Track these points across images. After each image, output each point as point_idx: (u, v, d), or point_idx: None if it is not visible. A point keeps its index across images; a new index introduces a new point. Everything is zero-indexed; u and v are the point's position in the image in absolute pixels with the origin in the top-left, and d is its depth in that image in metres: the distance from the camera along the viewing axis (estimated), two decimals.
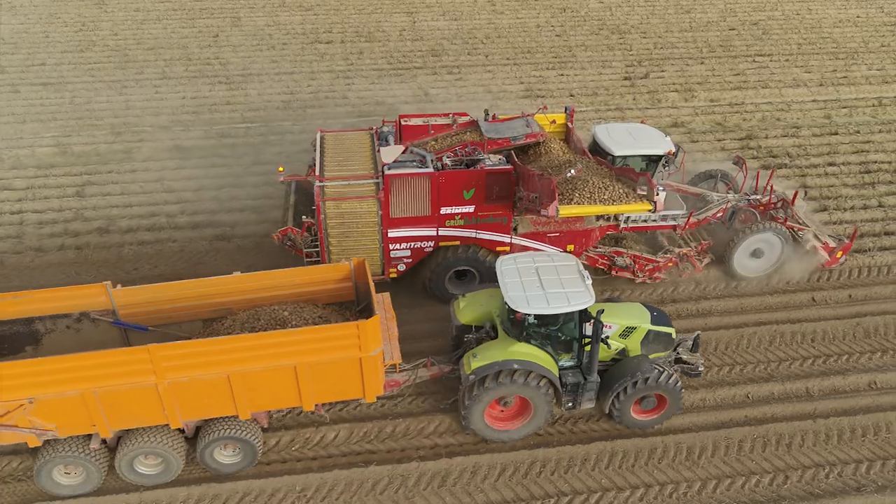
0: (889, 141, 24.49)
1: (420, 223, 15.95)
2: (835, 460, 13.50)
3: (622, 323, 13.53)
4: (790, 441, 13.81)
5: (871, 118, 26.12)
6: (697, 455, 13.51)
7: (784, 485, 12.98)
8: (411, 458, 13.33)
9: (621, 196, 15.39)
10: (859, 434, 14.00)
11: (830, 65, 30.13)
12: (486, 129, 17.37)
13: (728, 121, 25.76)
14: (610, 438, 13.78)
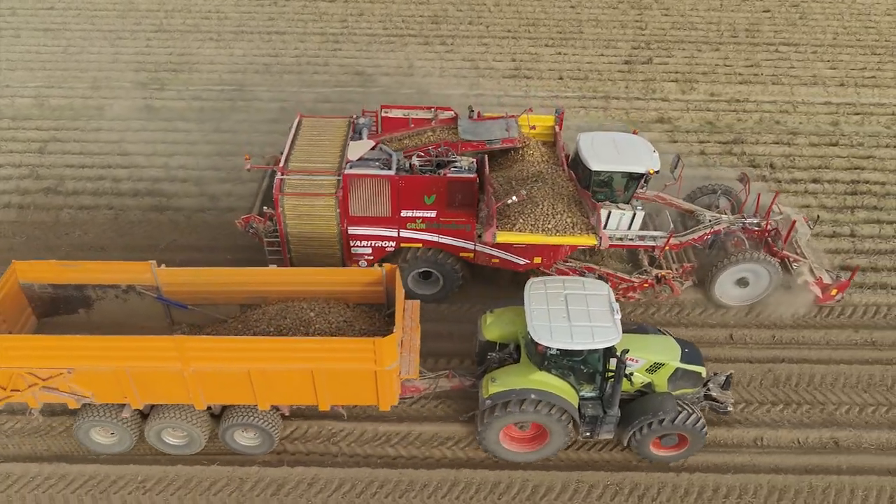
0: (892, 158, 22.38)
1: (380, 223, 15.77)
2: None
3: (650, 358, 13.14)
4: None
5: (884, 129, 23.85)
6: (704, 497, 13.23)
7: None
8: (423, 465, 13.63)
9: (567, 227, 14.91)
10: None
11: (862, 61, 27.47)
12: (463, 129, 16.90)
13: (721, 120, 24.06)
14: (621, 469, 13.57)
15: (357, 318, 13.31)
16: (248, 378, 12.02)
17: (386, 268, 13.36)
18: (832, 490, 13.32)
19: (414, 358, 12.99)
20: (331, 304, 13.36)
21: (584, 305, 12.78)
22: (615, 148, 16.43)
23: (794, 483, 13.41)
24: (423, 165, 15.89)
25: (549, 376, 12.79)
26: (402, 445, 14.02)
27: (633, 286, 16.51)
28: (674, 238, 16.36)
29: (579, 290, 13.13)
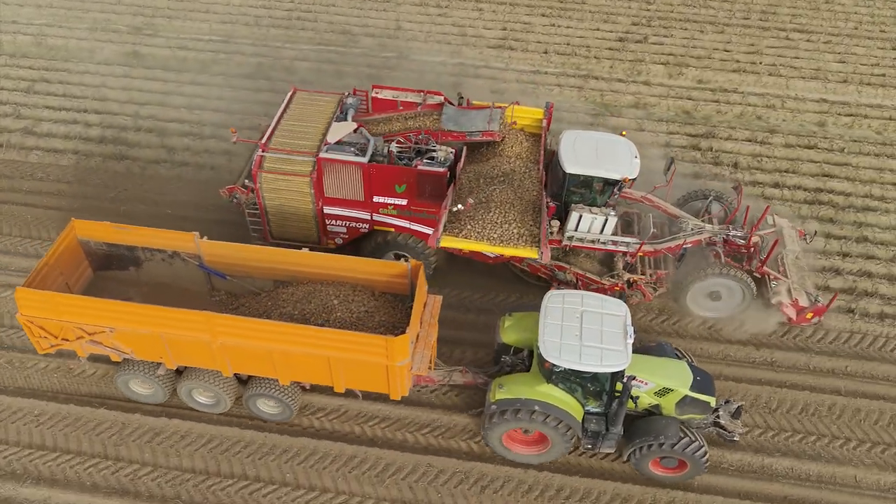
0: (870, 168, 21.28)
1: (354, 206, 16.27)
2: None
3: (659, 382, 13.24)
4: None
5: (872, 134, 22.59)
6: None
7: None
8: (429, 451, 14.35)
9: (511, 238, 15.00)
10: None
11: (877, 56, 25.76)
12: (446, 117, 16.93)
13: (699, 111, 23.26)
14: (615, 479, 13.96)
15: (379, 309, 13.99)
16: (270, 356, 12.94)
17: (412, 263, 13.88)
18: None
19: (427, 354, 13.40)
20: (356, 292, 14.05)
21: (599, 325, 12.85)
22: (595, 151, 15.96)
23: None
24: (402, 152, 16.08)
25: (555, 389, 13.07)
26: (410, 430, 14.65)
27: (604, 288, 16.49)
28: (648, 245, 16.13)
29: (597, 308, 13.13)
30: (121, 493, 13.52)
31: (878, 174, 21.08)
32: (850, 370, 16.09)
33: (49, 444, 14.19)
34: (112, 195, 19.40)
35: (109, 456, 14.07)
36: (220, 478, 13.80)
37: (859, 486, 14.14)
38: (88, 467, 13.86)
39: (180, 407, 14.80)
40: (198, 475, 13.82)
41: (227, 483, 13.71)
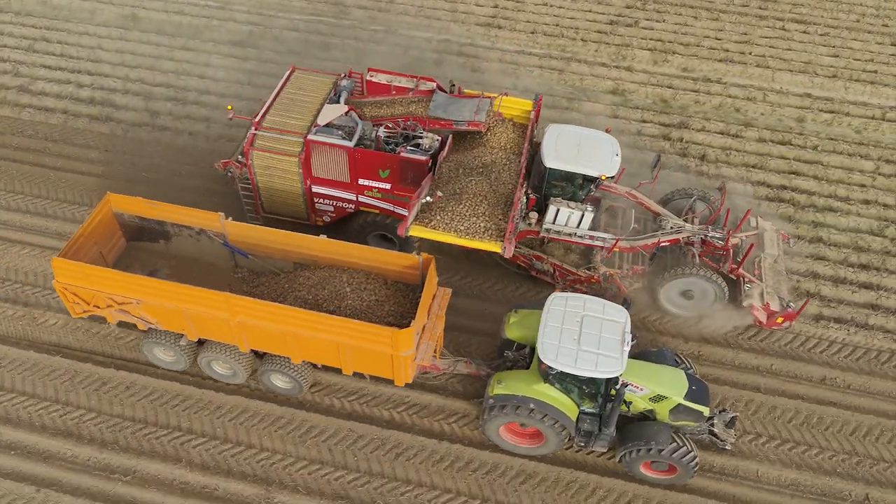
0: (841, 167, 21.15)
1: (340, 187, 16.84)
2: None
3: (654, 389, 13.55)
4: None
5: (851, 132, 22.35)
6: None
7: None
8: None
9: (478, 231, 15.39)
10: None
11: (874, 52, 25.22)
12: (435, 105, 17.21)
13: (677, 100, 23.24)
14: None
15: (389, 298, 14.65)
16: (284, 337, 13.75)
17: (423, 256, 14.44)
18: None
19: (432, 345, 14.02)
20: (369, 280, 14.75)
21: (598, 331, 13.12)
22: (577, 147, 16.24)
23: None
24: (389, 138, 16.56)
25: (551, 389, 13.51)
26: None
27: (580, 279, 16.96)
28: (624, 241, 16.47)
29: (598, 313, 13.40)
30: (65, 435, 14.75)
31: (846, 174, 20.96)
32: (774, 368, 16.44)
33: (7, 386, 15.47)
34: (93, 156, 20.45)
35: (60, 400, 15.28)
36: (156, 427, 14.93)
37: (759, 480, 14.64)
38: (39, 409, 15.10)
39: (127, 359, 15.93)
40: (136, 423, 14.97)
41: (161, 433, 14.84)
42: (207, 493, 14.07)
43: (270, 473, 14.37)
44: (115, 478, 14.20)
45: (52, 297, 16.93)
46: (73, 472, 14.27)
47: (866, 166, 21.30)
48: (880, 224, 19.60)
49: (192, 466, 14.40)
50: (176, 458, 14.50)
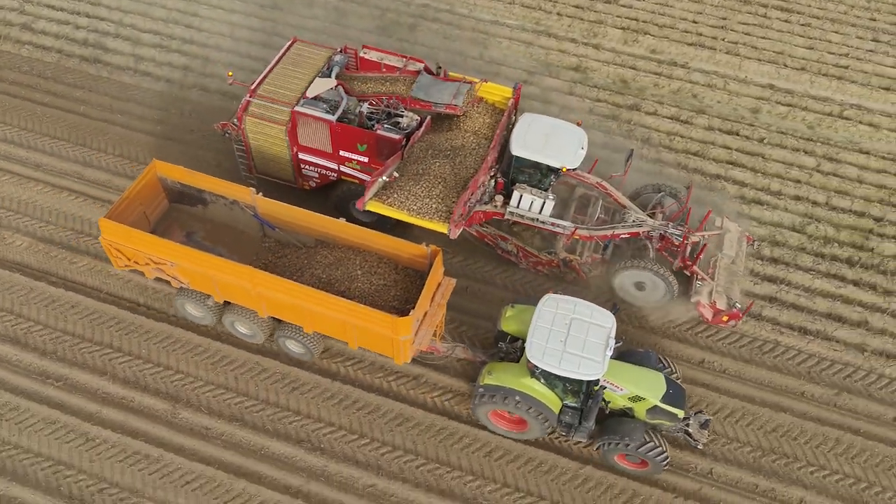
0: (781, 162, 21.56)
1: (324, 156, 18.01)
2: None
3: (632, 390, 14.53)
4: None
5: (804, 128, 22.60)
6: None
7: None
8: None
9: (429, 212, 16.27)
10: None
11: (851, 46, 25.00)
12: (417, 86, 17.91)
13: (637, 81, 23.76)
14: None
15: (398, 283, 15.93)
16: (297, 309, 15.19)
17: (432, 248, 15.51)
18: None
19: (430, 331, 15.26)
20: (380, 264, 16.08)
21: (584, 334, 14.05)
22: (545, 137, 17.03)
23: None
24: (373, 114, 17.63)
25: (537, 383, 14.57)
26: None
27: (541, 262, 18.13)
28: (584, 230, 17.36)
29: (586, 317, 14.34)
30: (13, 342, 17.04)
31: (784, 169, 21.41)
32: None
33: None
34: (77, 95, 22.35)
35: (13, 312, 17.56)
36: (91, 343, 17.07)
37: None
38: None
39: (76, 282, 18.00)
40: (75, 338, 17.15)
41: (94, 348, 16.98)
42: (124, 404, 16.22)
43: (180, 392, 16.41)
44: (49, 382, 16.46)
45: (14, 219, 19.14)
46: (15, 374, 16.59)
47: (808, 162, 21.66)
48: (803, 221, 20.14)
49: (115, 380, 16.55)
50: (102, 371, 16.67)
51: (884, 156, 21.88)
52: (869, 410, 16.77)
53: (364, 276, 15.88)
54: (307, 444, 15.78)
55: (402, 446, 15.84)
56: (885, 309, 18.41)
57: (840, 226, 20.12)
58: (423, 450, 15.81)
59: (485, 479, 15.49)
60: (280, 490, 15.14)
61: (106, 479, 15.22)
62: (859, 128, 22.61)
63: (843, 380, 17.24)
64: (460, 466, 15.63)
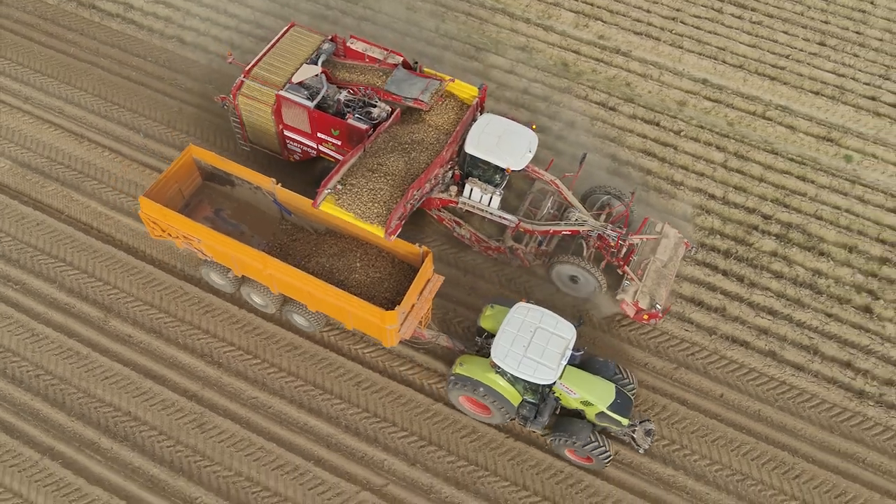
0: (691, 154, 23.11)
1: (304, 135, 19.96)
2: None
3: (584, 396, 16.31)
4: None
5: (724, 124, 24.01)
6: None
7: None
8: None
9: (368, 216, 17.53)
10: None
11: (794, 48, 25.89)
12: (391, 79, 19.41)
13: (577, 66, 25.34)
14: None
15: (392, 276, 17.95)
16: (302, 292, 17.21)
17: (424, 249, 17.22)
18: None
19: (415, 322, 17.06)
20: (378, 258, 18.11)
21: (545, 343, 15.87)
22: (498, 138, 18.61)
23: None
24: (350, 102, 19.40)
25: (501, 378, 16.47)
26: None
27: (490, 247, 20.02)
28: (527, 224, 19.22)
29: (550, 327, 16.16)
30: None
31: (692, 161, 22.98)
32: None
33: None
34: (70, 37, 25.17)
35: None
36: (70, 266, 20.26)
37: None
38: None
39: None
40: (56, 260, 20.35)
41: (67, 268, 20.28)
42: (66, 309, 19.52)
43: (113, 304, 19.58)
44: (10, 285, 19.86)
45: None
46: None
47: (716, 158, 23.19)
48: (695, 211, 21.86)
49: (62, 288, 19.86)
50: (53, 280, 19.96)
51: (792, 158, 23.25)
52: (701, 386, 18.92)
53: (362, 268, 17.99)
54: (208, 357, 18.84)
55: (287, 368, 18.75)
56: (744, 299, 20.28)
57: (728, 219, 21.81)
58: (303, 373, 18.69)
59: (350, 403, 18.37)
60: (179, 392, 18.30)
61: (43, 368, 18.62)
62: (777, 129, 23.92)
63: (685, 357, 19.34)
64: (331, 391, 18.48)
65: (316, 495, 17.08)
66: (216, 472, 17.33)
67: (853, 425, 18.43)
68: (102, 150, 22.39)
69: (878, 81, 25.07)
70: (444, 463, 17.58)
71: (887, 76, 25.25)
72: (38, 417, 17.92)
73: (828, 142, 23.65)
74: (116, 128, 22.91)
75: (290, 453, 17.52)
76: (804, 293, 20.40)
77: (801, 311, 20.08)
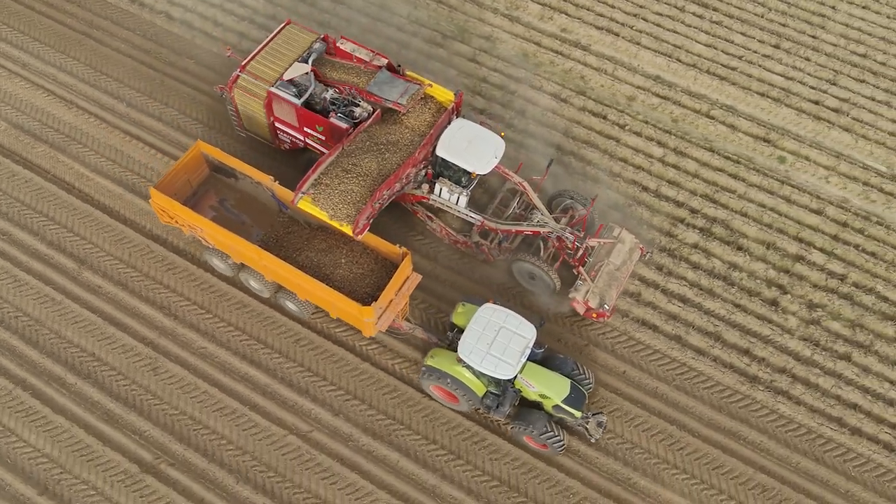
0: (630, 147, 24.58)
1: (292, 128, 21.49)
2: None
3: (541, 389, 18.01)
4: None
5: (669, 121, 25.37)
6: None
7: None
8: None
9: (339, 216, 18.83)
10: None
11: (749, 50, 27.03)
12: (374, 81, 20.70)
13: (536, 57, 26.75)
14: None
15: (374, 272, 19.66)
16: (292, 282, 18.94)
17: (403, 250, 18.83)
18: None
19: (391, 316, 18.71)
20: (363, 255, 19.83)
21: (507, 341, 17.45)
22: (468, 143, 19.96)
23: None
24: (335, 100, 20.72)
25: (467, 371, 18.04)
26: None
27: (458, 241, 21.47)
28: (490, 222, 20.53)
29: (513, 327, 17.72)
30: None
31: (632, 154, 24.46)
32: None
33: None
34: (68, 8, 27.13)
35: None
36: (65, 229, 22.56)
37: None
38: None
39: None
40: (47, 218, 22.67)
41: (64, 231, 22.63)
42: (45, 260, 21.84)
43: (87, 258, 21.90)
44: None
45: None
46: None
47: (656, 152, 24.65)
48: (626, 202, 23.44)
49: (43, 240, 22.17)
50: (36, 233, 22.29)
51: (728, 156, 24.64)
52: (606, 363, 20.77)
53: (347, 264, 19.77)
54: (166, 309, 21.12)
55: (235, 324, 20.97)
56: (659, 286, 21.95)
57: (657, 212, 23.37)
58: (249, 329, 20.90)
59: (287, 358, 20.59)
60: (138, 339, 20.65)
61: (21, 310, 21.05)
62: (718, 127, 25.26)
63: (596, 336, 21.15)
64: (272, 346, 20.68)
65: (249, 436, 19.39)
66: (164, 411, 19.71)
67: (741, 407, 20.21)
68: (89, 116, 24.54)
69: (825, 86, 26.19)
70: (364, 416, 19.75)
71: (834, 81, 26.35)
72: (13, 353, 20.41)
73: (765, 142, 24.98)
74: (102, 96, 25.01)
75: (230, 398, 19.83)
76: (717, 284, 22.03)
77: (712, 301, 21.75)
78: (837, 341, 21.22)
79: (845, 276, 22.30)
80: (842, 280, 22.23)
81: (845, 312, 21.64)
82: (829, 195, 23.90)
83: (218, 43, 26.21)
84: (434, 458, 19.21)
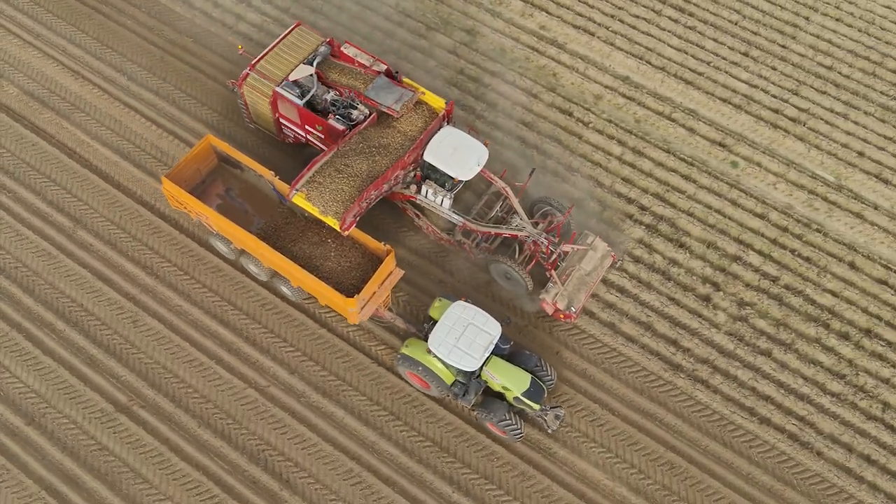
0: (592, 145, 26.07)
1: (295, 125, 23.09)
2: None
3: (503, 382, 19.55)
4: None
5: (632, 121, 26.77)
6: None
7: None
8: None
9: (329, 211, 20.47)
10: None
11: (717, 56, 28.18)
12: (372, 86, 22.09)
13: (513, 53, 28.22)
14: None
15: (360, 266, 21.25)
16: (285, 270, 20.75)
17: (387, 248, 20.50)
18: None
19: (373, 307, 20.41)
20: (351, 249, 21.41)
21: (474, 337, 19.04)
22: (454, 149, 21.46)
23: None
24: (335, 102, 22.31)
25: (438, 361, 19.48)
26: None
27: (443, 239, 22.88)
28: (471, 224, 21.89)
29: (480, 324, 19.34)
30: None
31: (591, 151, 26.00)
32: None
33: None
34: None
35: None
36: (68, 194, 24.90)
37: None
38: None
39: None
40: (62, 189, 24.92)
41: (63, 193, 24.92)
42: (44, 217, 24.17)
43: (82, 217, 24.19)
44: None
45: (10, 72, 26.81)
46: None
47: (615, 150, 26.15)
48: (582, 196, 25.00)
49: (43, 199, 24.51)
50: (38, 192, 24.63)
51: (683, 158, 26.09)
52: (543, 342, 22.64)
53: (336, 257, 21.45)
54: (149, 269, 23.42)
55: (209, 286, 23.19)
56: (606, 280, 23.64)
57: (609, 207, 24.99)
58: (221, 291, 23.09)
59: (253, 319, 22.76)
60: (122, 294, 23.00)
61: (21, 262, 23.48)
62: (678, 130, 26.67)
63: (537, 320, 23.01)
64: (240, 308, 22.87)
65: (213, 387, 21.70)
66: (140, 359, 22.08)
67: (662, 392, 22.01)
68: (93, 87, 26.71)
69: (787, 95, 27.38)
70: (317, 376, 21.92)
71: (797, 91, 27.52)
72: (12, 299, 22.89)
73: (720, 147, 26.36)
74: (107, 69, 27.14)
75: (198, 352, 22.13)
76: (655, 278, 23.71)
77: (647, 293, 23.45)
78: (761, 338, 22.85)
79: (778, 277, 23.83)
80: (774, 281, 23.77)
81: (772, 312, 23.23)
82: (774, 201, 25.31)
83: (217, 23, 28.12)
84: (376, 418, 21.36)
